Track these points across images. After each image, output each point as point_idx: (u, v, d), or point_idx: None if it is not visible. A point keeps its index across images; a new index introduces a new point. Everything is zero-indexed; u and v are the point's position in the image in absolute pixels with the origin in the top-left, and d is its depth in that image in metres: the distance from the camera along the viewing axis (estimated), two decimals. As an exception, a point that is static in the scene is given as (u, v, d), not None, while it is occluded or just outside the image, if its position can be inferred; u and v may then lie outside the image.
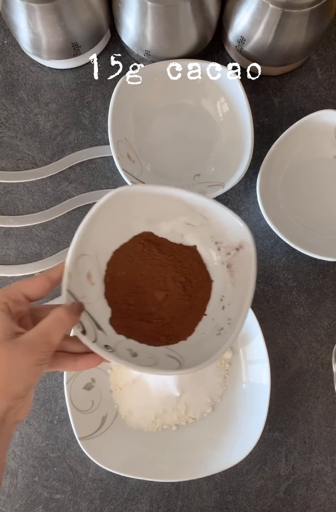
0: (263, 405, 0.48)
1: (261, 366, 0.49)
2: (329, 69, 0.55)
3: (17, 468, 0.53)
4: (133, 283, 0.38)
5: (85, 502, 0.53)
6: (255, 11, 0.45)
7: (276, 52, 0.49)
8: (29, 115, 0.54)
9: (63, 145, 0.54)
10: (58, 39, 0.48)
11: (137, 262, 0.38)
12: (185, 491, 0.53)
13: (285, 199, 0.53)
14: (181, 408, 0.51)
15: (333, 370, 0.51)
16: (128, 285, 0.38)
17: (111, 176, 0.54)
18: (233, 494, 0.53)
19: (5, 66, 0.54)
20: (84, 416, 0.49)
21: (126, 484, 0.53)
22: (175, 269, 0.38)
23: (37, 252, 0.54)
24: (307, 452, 0.54)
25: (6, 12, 0.47)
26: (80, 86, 0.55)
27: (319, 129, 0.51)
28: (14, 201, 0.54)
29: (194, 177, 0.53)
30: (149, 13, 0.45)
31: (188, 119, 0.54)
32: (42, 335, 0.30)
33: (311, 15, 0.44)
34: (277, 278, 0.54)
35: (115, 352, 0.34)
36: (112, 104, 0.49)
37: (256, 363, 0.50)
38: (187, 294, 0.38)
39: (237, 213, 0.54)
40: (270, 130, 0.55)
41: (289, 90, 0.55)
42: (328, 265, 0.54)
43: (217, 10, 0.49)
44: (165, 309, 0.38)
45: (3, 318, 0.30)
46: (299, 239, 0.50)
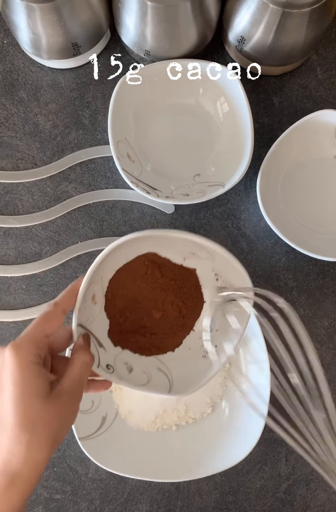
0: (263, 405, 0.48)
1: (261, 366, 0.49)
2: (329, 69, 0.55)
3: (17, 468, 0.53)
4: (133, 300, 0.40)
5: (85, 502, 0.53)
6: (255, 11, 0.45)
7: (276, 52, 0.49)
8: (29, 115, 0.54)
9: (63, 145, 0.54)
10: (58, 39, 0.48)
11: (139, 283, 0.40)
12: (185, 491, 0.53)
13: (285, 199, 0.53)
14: (181, 408, 0.51)
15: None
16: (127, 300, 0.40)
17: (111, 176, 0.54)
18: (233, 494, 0.53)
19: (5, 66, 0.54)
20: (84, 416, 0.49)
21: (126, 484, 0.53)
22: (174, 294, 0.40)
23: (37, 252, 0.54)
24: (307, 452, 0.54)
25: (6, 12, 0.47)
26: (80, 86, 0.55)
27: (319, 129, 0.51)
28: (14, 201, 0.54)
29: (194, 177, 0.53)
30: (149, 13, 0.45)
31: (188, 119, 0.54)
32: (77, 382, 0.32)
33: (311, 15, 0.44)
34: (277, 278, 0.54)
35: (115, 372, 0.38)
36: (112, 104, 0.49)
37: (256, 363, 0.50)
38: (181, 315, 0.40)
39: (237, 213, 0.54)
40: (270, 130, 0.55)
41: (289, 90, 0.55)
42: (328, 265, 0.54)
43: (217, 10, 0.49)
44: (160, 326, 0.40)
45: (41, 373, 0.31)
46: (299, 239, 0.50)
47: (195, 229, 0.54)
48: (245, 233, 0.54)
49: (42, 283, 0.54)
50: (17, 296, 0.54)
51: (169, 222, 0.54)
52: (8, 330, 0.54)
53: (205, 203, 0.54)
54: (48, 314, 0.33)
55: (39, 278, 0.54)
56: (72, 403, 0.32)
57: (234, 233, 0.54)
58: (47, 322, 0.33)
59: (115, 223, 0.54)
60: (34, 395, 0.30)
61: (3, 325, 0.54)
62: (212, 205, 0.54)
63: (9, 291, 0.54)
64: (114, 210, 0.54)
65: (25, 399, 0.29)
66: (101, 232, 0.54)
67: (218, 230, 0.54)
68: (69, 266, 0.54)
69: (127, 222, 0.54)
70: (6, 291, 0.54)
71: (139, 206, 0.54)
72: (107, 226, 0.54)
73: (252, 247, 0.54)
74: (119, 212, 0.54)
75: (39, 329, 0.32)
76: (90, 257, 0.54)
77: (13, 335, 0.53)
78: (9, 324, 0.54)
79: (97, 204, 0.54)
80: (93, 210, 0.54)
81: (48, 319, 0.33)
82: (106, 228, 0.54)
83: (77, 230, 0.54)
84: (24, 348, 0.30)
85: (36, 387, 0.30)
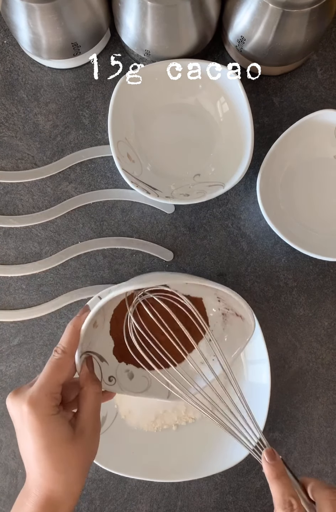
0: (263, 405, 0.48)
1: (261, 366, 0.49)
2: (329, 69, 0.55)
3: (17, 468, 0.53)
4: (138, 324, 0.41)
5: (85, 502, 0.53)
6: (255, 11, 0.45)
7: (276, 52, 0.49)
8: (29, 115, 0.54)
9: (63, 145, 0.54)
10: (58, 39, 0.48)
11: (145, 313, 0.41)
12: (185, 491, 0.53)
13: (285, 199, 0.53)
14: (181, 408, 0.51)
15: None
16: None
17: (111, 176, 0.54)
18: (233, 494, 0.53)
19: (5, 66, 0.54)
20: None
21: (126, 484, 0.53)
22: (180, 322, 0.40)
23: (37, 252, 0.54)
24: (307, 452, 0.54)
25: (6, 12, 0.47)
26: (80, 86, 0.55)
27: (319, 129, 0.51)
28: (14, 201, 0.54)
29: (194, 177, 0.53)
30: (149, 13, 0.45)
31: (188, 119, 0.54)
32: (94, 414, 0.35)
33: (311, 15, 0.44)
34: (277, 278, 0.54)
35: (117, 382, 0.40)
36: (112, 104, 0.49)
37: (256, 363, 0.50)
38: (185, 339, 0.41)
39: (237, 213, 0.54)
40: (270, 130, 0.55)
41: (289, 90, 0.55)
42: (328, 265, 0.54)
43: (217, 10, 0.49)
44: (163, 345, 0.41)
45: (61, 422, 0.33)
46: (299, 239, 0.50)
47: (195, 229, 0.54)
48: (245, 233, 0.54)
49: (42, 283, 0.54)
50: (17, 296, 0.54)
51: (169, 222, 0.54)
52: (8, 330, 0.54)
53: (205, 203, 0.54)
54: (60, 364, 0.34)
55: (39, 278, 0.54)
56: (95, 435, 0.35)
57: (234, 233, 0.54)
58: (60, 372, 0.34)
59: (115, 223, 0.54)
60: (59, 442, 0.33)
61: (3, 325, 0.54)
62: (212, 205, 0.54)
63: (9, 291, 0.54)
64: (114, 210, 0.54)
65: (52, 446, 0.32)
66: (101, 232, 0.54)
67: (218, 230, 0.54)
68: (69, 266, 0.54)
69: (127, 222, 0.54)
70: (6, 291, 0.54)
71: (139, 206, 0.54)
72: (107, 226, 0.54)
73: (252, 247, 0.54)
74: (119, 212, 0.54)
75: (53, 380, 0.34)
76: (90, 257, 0.54)
77: (13, 335, 0.53)
78: (9, 324, 0.54)
79: (97, 204, 0.54)
80: (93, 210, 0.54)
81: (61, 369, 0.34)
82: (106, 228, 0.54)
83: (77, 230, 0.54)
84: (42, 404, 0.32)
85: (60, 435, 0.33)
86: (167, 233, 0.54)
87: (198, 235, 0.54)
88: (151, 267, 0.54)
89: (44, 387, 0.33)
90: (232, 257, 0.54)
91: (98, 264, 0.54)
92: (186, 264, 0.54)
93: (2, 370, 0.53)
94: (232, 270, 0.54)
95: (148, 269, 0.54)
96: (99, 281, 0.54)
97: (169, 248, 0.54)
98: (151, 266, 0.54)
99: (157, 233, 0.54)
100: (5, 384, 0.53)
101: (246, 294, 0.54)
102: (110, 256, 0.54)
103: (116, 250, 0.54)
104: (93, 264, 0.54)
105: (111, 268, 0.54)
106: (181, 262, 0.54)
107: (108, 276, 0.54)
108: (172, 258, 0.54)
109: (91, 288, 0.53)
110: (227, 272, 0.54)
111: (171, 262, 0.54)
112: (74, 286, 0.54)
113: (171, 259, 0.54)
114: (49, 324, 0.54)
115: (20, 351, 0.54)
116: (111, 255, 0.54)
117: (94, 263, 0.54)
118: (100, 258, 0.54)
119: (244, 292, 0.54)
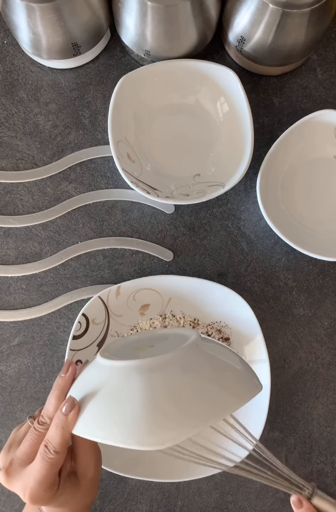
0: (263, 405, 0.48)
1: (261, 366, 0.49)
2: (329, 69, 0.55)
3: (17, 468, 0.53)
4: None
5: (85, 502, 0.53)
6: (255, 11, 0.45)
7: (276, 52, 0.49)
8: (29, 115, 0.54)
9: (63, 145, 0.54)
10: (58, 39, 0.48)
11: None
12: (185, 491, 0.53)
13: (285, 199, 0.53)
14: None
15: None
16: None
17: (111, 176, 0.54)
18: (233, 494, 0.53)
19: (5, 66, 0.54)
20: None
21: (126, 484, 0.53)
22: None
23: (37, 252, 0.54)
24: (307, 452, 0.54)
25: (6, 12, 0.47)
26: (80, 86, 0.55)
27: (319, 129, 0.51)
28: (14, 201, 0.54)
29: (194, 177, 0.53)
30: (149, 13, 0.45)
31: (188, 119, 0.54)
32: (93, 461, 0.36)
33: (311, 15, 0.44)
34: (277, 278, 0.54)
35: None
36: (112, 104, 0.49)
37: (256, 363, 0.50)
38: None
39: (237, 213, 0.54)
40: (270, 130, 0.55)
41: (289, 90, 0.55)
42: (328, 265, 0.54)
43: (217, 10, 0.49)
44: None
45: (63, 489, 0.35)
46: (299, 239, 0.50)
47: (195, 229, 0.54)
48: (245, 233, 0.54)
49: (42, 283, 0.54)
50: (17, 296, 0.54)
51: (169, 222, 0.54)
52: (8, 330, 0.54)
53: (205, 203, 0.54)
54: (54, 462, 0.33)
55: (39, 278, 0.54)
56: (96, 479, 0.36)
57: (234, 233, 0.54)
58: (55, 468, 0.33)
59: (115, 223, 0.54)
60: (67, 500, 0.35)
61: (3, 325, 0.54)
62: (212, 205, 0.54)
63: (9, 291, 0.54)
64: (114, 210, 0.54)
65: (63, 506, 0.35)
66: (101, 232, 0.54)
67: (218, 230, 0.54)
68: (69, 266, 0.54)
69: (127, 222, 0.54)
70: (6, 291, 0.54)
71: (139, 206, 0.54)
72: (107, 226, 0.54)
73: (252, 247, 0.54)
74: (119, 212, 0.54)
75: (50, 476, 0.33)
76: (90, 257, 0.54)
77: (13, 335, 0.53)
78: (9, 324, 0.54)
79: (97, 204, 0.54)
80: (93, 210, 0.54)
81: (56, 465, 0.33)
82: (106, 228, 0.54)
83: (77, 230, 0.54)
84: (42, 498, 0.33)
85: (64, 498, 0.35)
86: (167, 233, 0.54)
87: (198, 235, 0.54)
88: (151, 267, 0.54)
89: (42, 484, 0.32)
90: (232, 257, 0.54)
91: (98, 264, 0.54)
92: (186, 264, 0.54)
93: (2, 370, 0.53)
94: (232, 270, 0.54)
95: (148, 269, 0.54)
96: (99, 281, 0.54)
97: (169, 248, 0.54)
98: (151, 266, 0.54)
99: (157, 233, 0.54)
100: (5, 384, 0.53)
101: (246, 294, 0.54)
102: (110, 256, 0.54)
103: (116, 250, 0.54)
104: (93, 264, 0.54)
105: (111, 268, 0.54)
106: (181, 262, 0.54)
107: (108, 276, 0.54)
108: (172, 258, 0.54)
109: (91, 288, 0.54)
110: (227, 272, 0.54)
111: (171, 262, 0.54)
112: (74, 286, 0.54)
113: (171, 259, 0.54)
114: (49, 324, 0.54)
115: (20, 351, 0.54)
116: (111, 255, 0.54)
117: (94, 263, 0.54)
118: (100, 258, 0.54)
119: (244, 292, 0.54)
